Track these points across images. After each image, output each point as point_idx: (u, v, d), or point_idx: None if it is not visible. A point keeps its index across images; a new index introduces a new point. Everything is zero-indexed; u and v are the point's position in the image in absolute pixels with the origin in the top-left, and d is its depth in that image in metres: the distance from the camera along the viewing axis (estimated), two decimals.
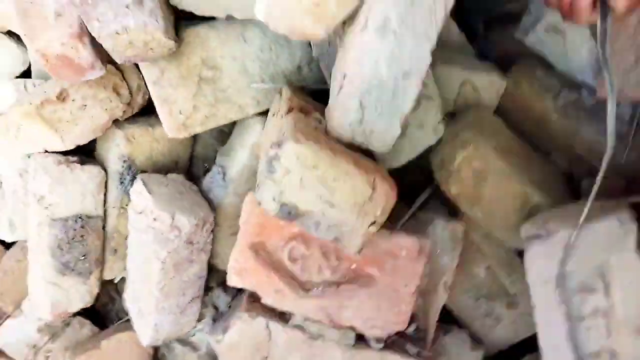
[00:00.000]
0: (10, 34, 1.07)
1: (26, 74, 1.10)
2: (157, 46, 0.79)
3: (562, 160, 1.10)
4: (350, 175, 0.66)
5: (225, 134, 1.11)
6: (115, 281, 1.15)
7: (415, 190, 1.15)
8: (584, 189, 1.09)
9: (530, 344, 1.04)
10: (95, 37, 0.76)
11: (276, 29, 0.74)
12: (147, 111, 1.00)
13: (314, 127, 0.72)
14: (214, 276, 1.09)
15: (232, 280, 0.90)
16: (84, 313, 1.14)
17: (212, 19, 0.90)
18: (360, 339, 0.93)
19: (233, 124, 1.04)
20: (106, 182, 0.99)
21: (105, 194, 0.99)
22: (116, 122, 0.97)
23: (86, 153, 1.03)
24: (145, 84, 0.92)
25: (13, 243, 1.15)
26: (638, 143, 1.05)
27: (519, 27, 1.07)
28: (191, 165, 1.15)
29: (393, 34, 0.66)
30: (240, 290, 1.04)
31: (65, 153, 0.97)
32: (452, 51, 1.12)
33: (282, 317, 0.93)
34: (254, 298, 0.93)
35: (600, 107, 1.07)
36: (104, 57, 0.83)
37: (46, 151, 0.96)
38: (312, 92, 0.96)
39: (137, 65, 0.95)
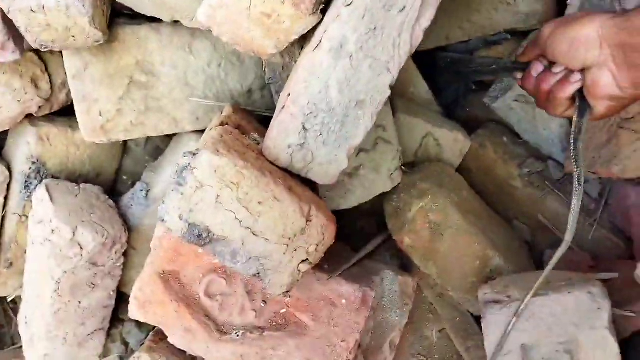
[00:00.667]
0: None
1: None
2: (80, 34, 0.69)
3: (524, 228, 1.04)
4: (279, 201, 0.55)
5: (161, 151, 1.00)
6: (9, 299, 0.98)
7: (367, 237, 1.05)
8: (547, 260, 1.01)
9: None
10: (5, 11, 0.65)
11: (220, 36, 0.66)
12: (71, 112, 0.88)
13: (245, 144, 0.61)
14: (127, 307, 0.94)
15: (133, 313, 0.75)
16: None
17: (157, 20, 0.81)
18: None
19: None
20: (9, 185, 0.85)
21: (6, 198, 0.85)
22: (30, 118, 0.84)
23: None
24: None
25: None
26: (605, 220, 1.00)
27: (489, 92, 1.04)
28: (117, 180, 1.03)
29: (349, 58, 0.58)
30: None
31: None
32: (419, 106, 1.07)
33: None
34: (161, 336, 0.78)
35: (568, 180, 1.02)
36: (21, 41, 0.72)
37: None
38: (261, 121, 0.86)
39: None
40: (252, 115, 0.85)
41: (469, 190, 0.98)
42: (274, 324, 0.72)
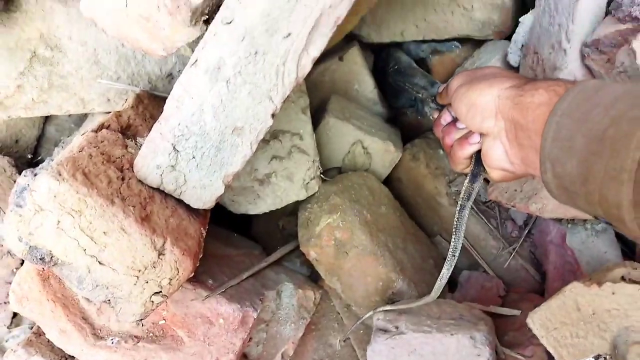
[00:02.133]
0: None
1: None
2: None
3: (446, 245, 1.01)
4: (127, 233, 0.52)
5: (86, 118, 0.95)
6: None
7: (285, 238, 1.02)
8: (460, 282, 0.99)
9: None
10: None
11: (104, 30, 0.59)
12: None
13: (111, 160, 0.56)
14: None
15: (13, 306, 0.73)
16: None
17: None
18: None
19: None
20: None
21: None
22: None
23: None
24: None
25: None
26: (526, 249, 0.97)
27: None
28: (40, 147, 0.98)
29: (226, 82, 0.52)
30: None
31: None
32: (359, 107, 1.02)
33: None
34: (41, 331, 0.76)
35: (495, 204, 0.99)
36: None
37: None
38: None
39: None
40: None
41: (391, 205, 0.95)
42: (151, 334, 0.70)
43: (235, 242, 0.91)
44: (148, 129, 0.69)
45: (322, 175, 0.88)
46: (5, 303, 0.90)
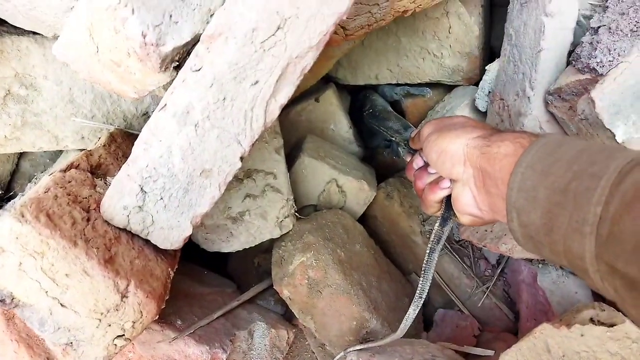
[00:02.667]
0: None
1: None
2: None
3: None
4: (89, 275, 0.51)
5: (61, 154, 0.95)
6: None
7: (260, 275, 1.02)
8: (436, 321, 0.99)
9: None
10: None
11: (77, 72, 0.61)
12: None
13: (79, 199, 0.56)
14: None
15: None
16: None
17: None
18: None
19: None
20: None
21: None
22: None
23: None
24: None
25: None
26: (499, 287, 0.98)
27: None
28: (13, 182, 0.98)
29: (194, 126, 0.54)
30: None
31: None
32: (335, 146, 1.04)
33: None
34: None
35: (466, 245, 1.00)
36: None
37: None
38: None
39: None
40: None
41: (365, 243, 0.95)
42: None
43: (208, 280, 0.90)
44: (119, 168, 0.70)
45: (296, 213, 0.89)
46: None
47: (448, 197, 0.60)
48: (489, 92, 0.88)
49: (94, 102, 0.81)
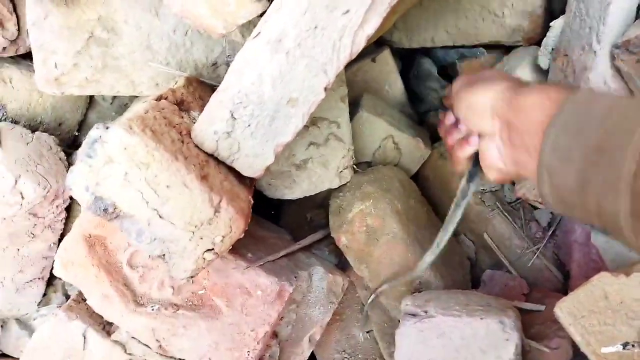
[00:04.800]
0: None
1: None
2: None
3: (470, 244, 1.04)
4: (188, 188, 0.55)
5: (127, 108, 0.99)
6: None
7: (314, 229, 1.05)
8: (485, 279, 1.01)
9: None
10: None
11: (169, 6, 0.64)
12: None
13: (172, 124, 0.60)
14: None
15: (57, 270, 0.76)
16: None
17: None
18: None
19: None
20: None
21: None
22: None
23: None
24: None
25: None
26: (549, 250, 0.99)
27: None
28: (81, 132, 1.03)
29: (286, 54, 0.56)
30: None
31: None
32: (389, 105, 1.06)
33: (107, 326, 0.80)
34: (83, 297, 0.79)
35: (520, 204, 1.01)
36: None
37: None
38: None
39: None
40: (213, 90, 0.83)
41: (419, 199, 0.97)
42: (190, 303, 0.73)
43: (266, 226, 0.94)
44: (199, 107, 0.73)
45: (354, 166, 0.91)
46: (39, 279, 0.93)
47: (476, 154, 0.61)
48: (552, 49, 0.88)
49: (169, 50, 0.84)
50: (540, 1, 0.92)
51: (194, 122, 0.66)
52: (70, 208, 0.87)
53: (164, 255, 0.59)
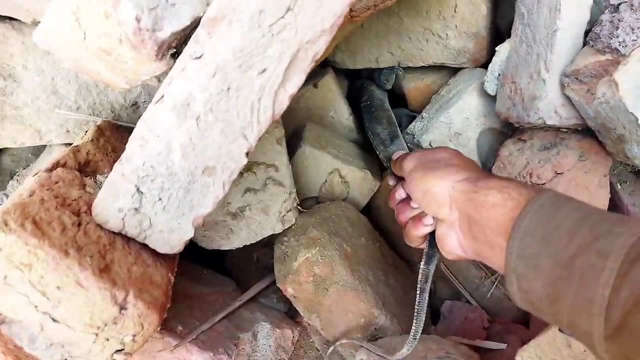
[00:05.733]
0: None
1: None
2: None
3: None
4: (84, 287, 0.46)
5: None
6: None
7: (260, 271, 0.98)
8: (443, 313, 0.96)
9: None
10: None
11: (61, 63, 0.55)
12: None
13: (68, 202, 0.51)
14: None
15: None
16: None
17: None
18: None
19: None
20: None
21: None
22: None
23: None
24: None
25: None
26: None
27: (407, 129, 0.97)
28: None
29: (196, 119, 0.48)
30: None
31: None
32: (335, 135, 0.99)
33: None
34: None
35: None
36: None
37: None
38: None
39: None
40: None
41: (370, 236, 0.91)
42: None
43: (207, 279, 0.86)
44: (109, 165, 0.64)
45: (299, 207, 0.84)
46: None
47: (432, 234, 0.59)
48: (499, 74, 0.83)
49: (79, 93, 0.75)
50: (484, 22, 0.87)
51: (101, 188, 0.57)
52: None
53: (66, 359, 0.50)
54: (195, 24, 0.47)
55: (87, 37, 0.49)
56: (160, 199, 0.52)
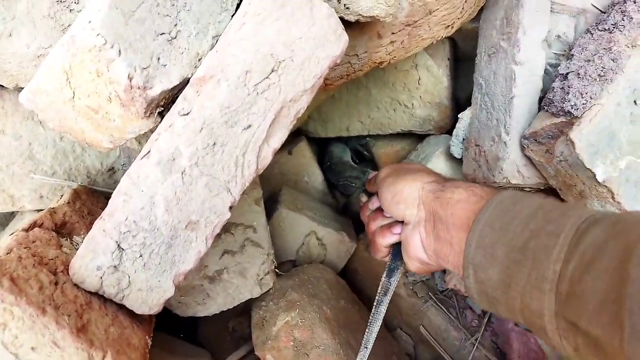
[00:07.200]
0: None
1: None
2: None
3: (407, 339, 0.97)
4: (60, 348, 0.44)
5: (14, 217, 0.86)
6: None
7: (236, 341, 0.94)
8: None
9: None
10: None
11: (46, 122, 0.56)
12: None
13: (45, 261, 0.50)
14: None
15: None
16: None
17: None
18: None
19: None
20: None
21: None
22: None
23: None
24: None
25: None
26: (487, 338, 0.95)
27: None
28: None
29: (181, 174, 0.50)
30: None
31: None
32: (310, 198, 1.02)
33: None
34: None
35: (450, 296, 0.98)
36: None
37: None
38: None
39: None
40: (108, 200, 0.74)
41: (349, 299, 0.91)
42: None
43: (181, 350, 0.82)
44: (85, 227, 0.64)
45: (276, 270, 0.84)
46: None
47: (397, 247, 0.61)
48: (464, 139, 0.89)
49: (55, 158, 0.75)
50: (446, 93, 0.94)
51: (77, 249, 0.55)
52: None
53: None
54: (183, 84, 0.50)
55: (75, 96, 0.51)
56: (141, 256, 0.51)
